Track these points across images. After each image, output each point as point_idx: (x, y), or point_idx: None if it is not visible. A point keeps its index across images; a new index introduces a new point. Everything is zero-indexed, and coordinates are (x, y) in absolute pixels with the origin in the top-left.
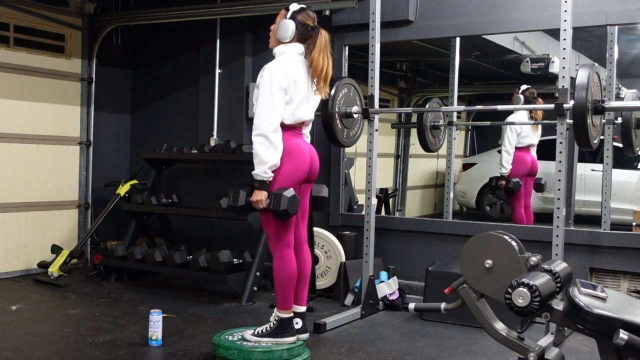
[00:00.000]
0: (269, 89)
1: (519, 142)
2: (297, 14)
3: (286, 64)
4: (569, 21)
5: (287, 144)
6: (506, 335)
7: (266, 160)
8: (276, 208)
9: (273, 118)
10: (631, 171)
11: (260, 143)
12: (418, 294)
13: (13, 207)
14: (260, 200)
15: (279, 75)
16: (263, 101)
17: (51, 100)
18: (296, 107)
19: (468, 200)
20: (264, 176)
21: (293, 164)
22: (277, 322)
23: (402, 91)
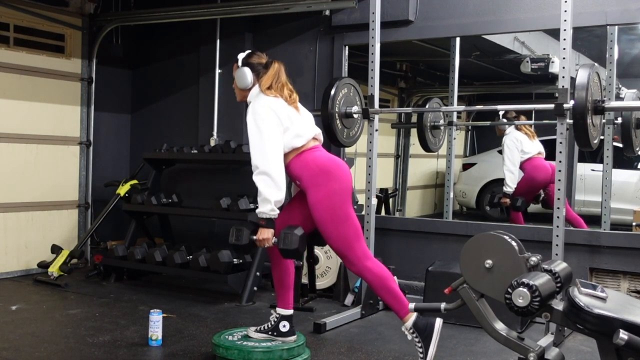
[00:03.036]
0: (256, 127)
1: (526, 154)
2: (248, 59)
3: (264, 100)
4: (569, 21)
5: (316, 161)
6: (506, 335)
7: (269, 198)
8: (287, 247)
9: (269, 153)
10: (631, 171)
11: (262, 181)
12: (418, 294)
13: (13, 207)
14: (267, 239)
15: (261, 110)
16: (254, 140)
17: (51, 100)
18: (297, 127)
19: (468, 200)
20: (270, 214)
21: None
22: (277, 320)
23: (402, 91)
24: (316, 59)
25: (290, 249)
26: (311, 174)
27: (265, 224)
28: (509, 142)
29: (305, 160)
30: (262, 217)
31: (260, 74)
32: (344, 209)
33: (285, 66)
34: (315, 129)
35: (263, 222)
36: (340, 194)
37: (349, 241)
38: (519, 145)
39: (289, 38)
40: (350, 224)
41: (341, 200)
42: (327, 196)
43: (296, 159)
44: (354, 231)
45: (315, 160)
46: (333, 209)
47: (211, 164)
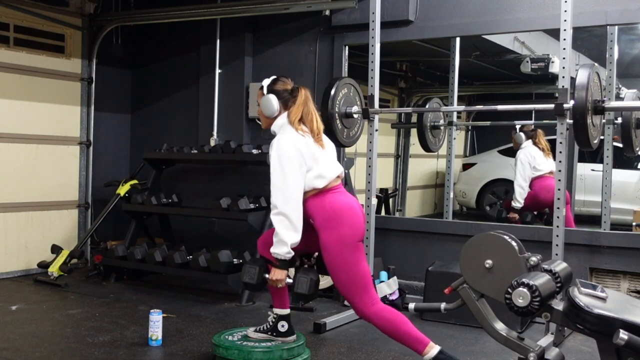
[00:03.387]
0: (280, 165)
1: (538, 171)
2: (273, 85)
3: (290, 135)
4: (569, 21)
5: (333, 204)
6: (506, 335)
7: (286, 241)
8: (302, 292)
9: (289, 195)
10: (631, 171)
11: (279, 222)
12: (418, 294)
13: (13, 207)
14: (280, 280)
15: (286, 149)
16: (276, 178)
17: (51, 100)
18: (321, 168)
19: (468, 200)
20: (286, 256)
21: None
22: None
23: (402, 91)
24: (316, 59)
25: (304, 294)
26: (325, 216)
27: (279, 265)
28: (522, 157)
29: (323, 201)
30: (276, 258)
31: (288, 103)
32: (354, 255)
33: (285, 66)
34: (339, 169)
35: (277, 262)
36: (351, 240)
37: (356, 288)
38: (532, 161)
39: (289, 38)
40: (358, 271)
41: (352, 247)
42: (338, 241)
43: (314, 198)
44: (362, 278)
45: (332, 202)
46: (343, 255)
47: (211, 164)
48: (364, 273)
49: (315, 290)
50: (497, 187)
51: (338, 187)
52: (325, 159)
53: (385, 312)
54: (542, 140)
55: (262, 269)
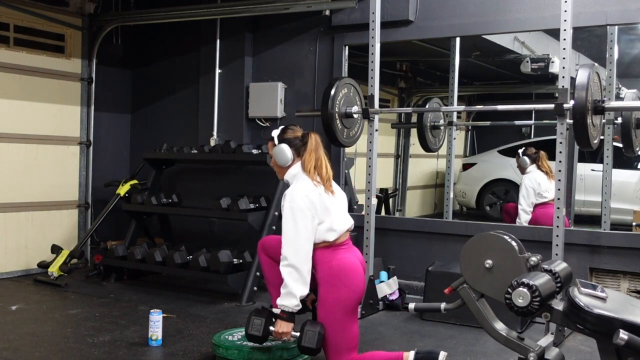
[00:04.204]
0: (292, 217)
1: (542, 197)
2: (284, 135)
3: (303, 185)
4: (569, 21)
5: (339, 262)
6: (506, 335)
7: (295, 294)
8: (310, 346)
9: (301, 247)
10: (631, 171)
11: (288, 274)
12: (418, 294)
13: (13, 207)
14: (286, 333)
15: (300, 201)
16: (288, 230)
17: (51, 100)
18: (332, 220)
19: (468, 200)
20: (294, 309)
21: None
22: None
23: (402, 91)
24: (316, 59)
25: (312, 348)
26: (329, 273)
27: (286, 318)
28: (527, 182)
29: (330, 257)
30: (283, 310)
31: (300, 150)
32: (348, 318)
33: (285, 66)
34: (349, 222)
35: (284, 315)
36: (347, 303)
37: (339, 350)
38: (537, 187)
39: (289, 38)
40: (347, 334)
41: (347, 309)
42: (336, 300)
43: (322, 251)
44: (348, 342)
45: (339, 261)
46: (337, 315)
47: (211, 164)
48: (351, 339)
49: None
50: (497, 187)
51: (346, 243)
52: (337, 210)
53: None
54: (545, 163)
55: (267, 321)
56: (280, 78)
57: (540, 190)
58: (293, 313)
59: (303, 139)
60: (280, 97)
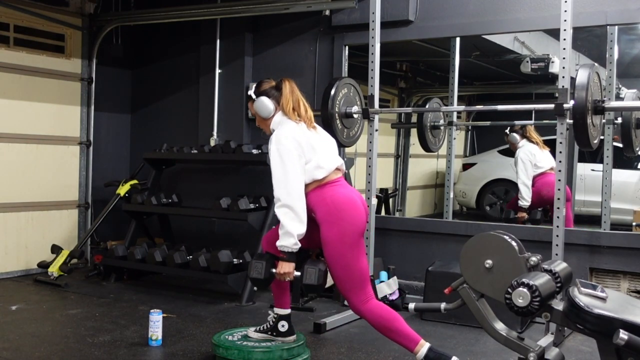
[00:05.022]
0: (280, 158)
1: (539, 168)
2: (259, 88)
3: (287, 127)
4: (569, 21)
5: (333, 197)
6: (506, 335)
7: (292, 232)
8: (311, 283)
9: (292, 186)
10: (631, 171)
11: (284, 214)
12: (418, 294)
13: (13, 207)
14: (288, 273)
15: (285, 142)
16: (276, 172)
17: (51, 100)
18: (319, 158)
19: (468, 200)
20: (293, 248)
21: (348, 218)
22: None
23: (402, 91)
24: (316, 59)
25: (314, 285)
26: (326, 210)
27: (286, 258)
28: (522, 155)
29: (323, 194)
30: (283, 251)
31: (279, 99)
32: (353, 251)
33: (285, 66)
34: (338, 160)
35: (284, 255)
36: (351, 236)
37: (353, 284)
38: (533, 158)
39: (289, 38)
40: (356, 267)
41: (351, 242)
42: (338, 236)
43: (315, 191)
44: (359, 275)
45: (332, 196)
46: (342, 251)
47: (211, 164)
48: (362, 270)
49: (324, 280)
50: (497, 187)
51: (339, 180)
52: (324, 149)
53: (379, 309)
54: (533, 134)
55: (268, 264)
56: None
57: (535, 161)
58: (293, 252)
59: (278, 87)
60: None
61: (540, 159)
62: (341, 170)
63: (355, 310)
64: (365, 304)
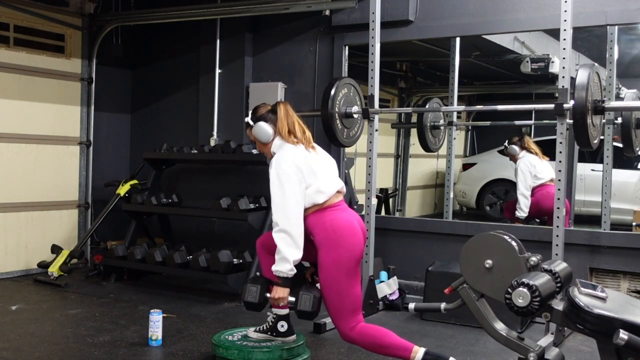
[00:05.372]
0: (279, 183)
1: (539, 180)
2: (255, 114)
3: (287, 151)
4: (569, 21)
5: (333, 222)
6: (506, 335)
7: (288, 258)
8: (305, 309)
9: (290, 212)
10: (631, 171)
11: (281, 239)
12: (418, 294)
13: (13, 207)
14: (282, 298)
15: (285, 166)
16: (276, 196)
17: (51, 100)
18: (320, 183)
19: (468, 200)
20: (288, 274)
21: (346, 244)
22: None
23: (402, 91)
24: (316, 59)
25: (308, 311)
26: (325, 234)
27: (281, 283)
28: (522, 166)
29: (323, 219)
30: (278, 276)
31: (276, 122)
32: (348, 278)
33: (285, 66)
34: (338, 183)
35: (279, 280)
36: (348, 262)
37: (344, 311)
38: (533, 169)
39: (289, 38)
40: (350, 294)
41: (348, 269)
42: (335, 262)
43: (315, 214)
44: (352, 302)
45: (332, 220)
46: (337, 276)
47: (211, 164)
48: (355, 297)
49: (319, 307)
50: (497, 187)
51: (339, 204)
52: (324, 173)
53: (367, 330)
54: (531, 145)
55: (263, 288)
56: (280, 78)
57: (535, 172)
58: (288, 278)
59: (274, 111)
60: (280, 97)
61: (540, 170)
62: (342, 193)
63: (345, 338)
64: (353, 330)
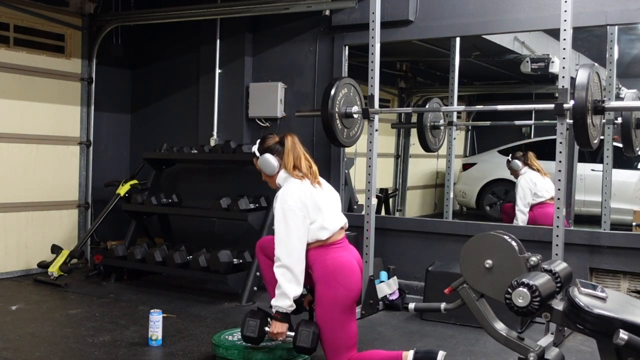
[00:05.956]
0: (284, 218)
1: (539, 197)
2: (263, 145)
3: (293, 186)
4: (569, 21)
5: (334, 261)
6: (506, 335)
7: (288, 294)
8: (304, 345)
9: (293, 248)
10: (631, 171)
11: (282, 274)
12: (418, 294)
13: (13, 207)
14: (281, 333)
15: (291, 202)
16: (280, 231)
17: (51, 100)
18: (324, 219)
19: (468, 200)
20: (288, 309)
21: (345, 284)
22: None
23: (402, 91)
24: (316, 59)
25: (307, 347)
26: (325, 272)
27: (280, 318)
28: (523, 183)
29: (325, 255)
30: (277, 311)
31: (282, 154)
32: (344, 316)
33: (285, 66)
34: (342, 220)
35: (278, 315)
36: (345, 300)
37: (338, 348)
38: (533, 187)
39: (289, 38)
40: (345, 332)
41: (344, 307)
42: (332, 299)
43: (316, 250)
44: (346, 340)
45: (334, 259)
46: (333, 314)
47: (211, 164)
48: (350, 335)
49: (317, 343)
50: (497, 187)
51: (341, 242)
52: (329, 208)
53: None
54: (534, 162)
55: (262, 322)
56: (280, 78)
57: (536, 190)
58: (287, 314)
59: (281, 142)
60: (280, 97)
61: (541, 188)
62: (344, 229)
63: None
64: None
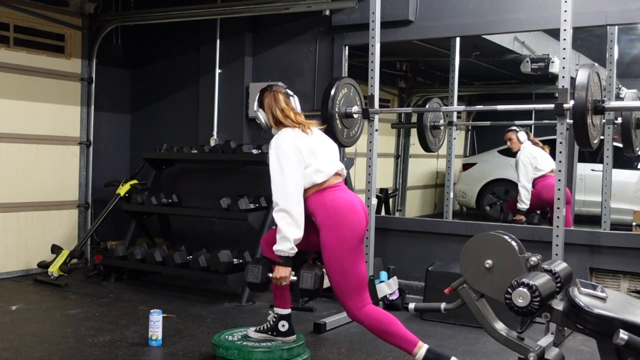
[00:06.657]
0: (278, 163)
1: (539, 171)
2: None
3: (286, 133)
4: (569, 21)
5: (334, 202)
6: (506, 335)
7: (289, 237)
8: (307, 287)
9: (290, 191)
10: (631, 171)
11: (281, 218)
12: (418, 294)
13: (13, 207)
14: (284, 277)
15: (284, 146)
16: (275, 176)
17: (51, 100)
18: (319, 162)
19: (468, 200)
20: (289, 252)
21: (347, 223)
22: (276, 320)
23: (402, 91)
24: (316, 59)
25: (310, 289)
26: (326, 215)
27: (283, 262)
28: (523, 158)
29: (324, 199)
30: (280, 255)
31: None
32: (352, 256)
33: (285, 66)
34: (338, 165)
35: (281, 260)
36: (350, 241)
37: (350, 290)
38: (534, 161)
39: (289, 38)
40: (354, 273)
41: (351, 247)
42: (337, 241)
43: (315, 195)
44: (357, 281)
45: (333, 200)
46: (341, 256)
47: (211, 164)
48: (360, 275)
49: (321, 285)
50: (497, 187)
51: (339, 185)
52: (324, 153)
53: (376, 314)
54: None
55: (265, 268)
56: (280, 78)
57: (537, 163)
58: (289, 257)
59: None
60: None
61: (542, 162)
62: (341, 175)
63: (352, 317)
64: (361, 309)
